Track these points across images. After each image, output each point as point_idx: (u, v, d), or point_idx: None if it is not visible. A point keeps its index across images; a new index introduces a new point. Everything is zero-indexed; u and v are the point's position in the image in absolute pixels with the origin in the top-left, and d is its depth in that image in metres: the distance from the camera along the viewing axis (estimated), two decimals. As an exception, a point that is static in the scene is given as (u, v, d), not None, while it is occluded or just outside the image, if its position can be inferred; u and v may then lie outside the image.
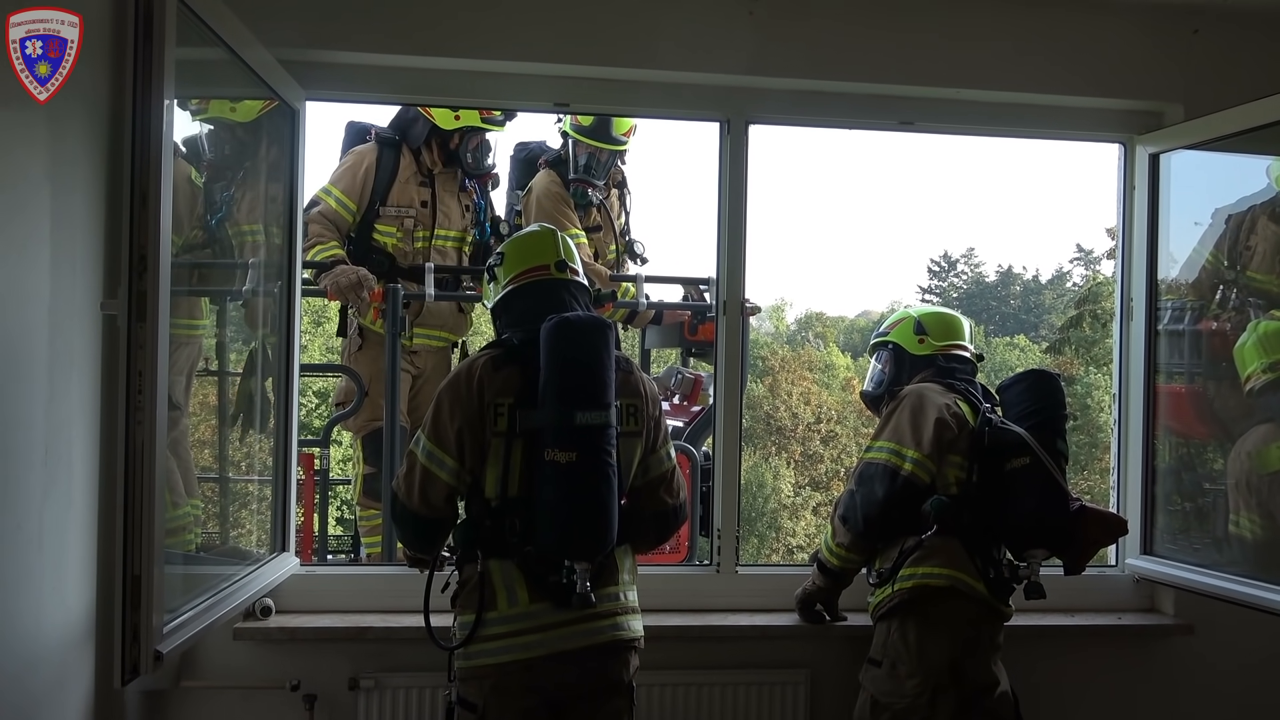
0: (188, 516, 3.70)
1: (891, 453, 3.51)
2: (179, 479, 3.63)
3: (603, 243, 5.36)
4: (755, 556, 25.33)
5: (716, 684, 3.84)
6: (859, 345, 42.64)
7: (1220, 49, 4.07)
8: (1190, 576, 3.88)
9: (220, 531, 4.16)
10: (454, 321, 5.11)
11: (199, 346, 3.88)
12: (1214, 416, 4.23)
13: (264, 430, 3.87)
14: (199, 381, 4.02)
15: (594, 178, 5.18)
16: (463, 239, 5.10)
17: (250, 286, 3.88)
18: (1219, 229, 4.12)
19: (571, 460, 2.74)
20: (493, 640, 2.83)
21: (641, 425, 3.02)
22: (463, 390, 2.88)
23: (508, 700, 2.83)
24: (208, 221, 3.70)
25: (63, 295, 2.75)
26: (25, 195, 2.60)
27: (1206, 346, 4.20)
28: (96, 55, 2.83)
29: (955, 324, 3.85)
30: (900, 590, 3.44)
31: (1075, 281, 49.21)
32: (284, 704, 3.67)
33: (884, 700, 3.44)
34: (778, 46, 3.93)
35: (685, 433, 5.23)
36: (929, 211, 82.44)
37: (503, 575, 2.85)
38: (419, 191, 4.95)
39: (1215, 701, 4.11)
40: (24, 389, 2.62)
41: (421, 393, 5.02)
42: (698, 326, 5.20)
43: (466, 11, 3.79)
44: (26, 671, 2.71)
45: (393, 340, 4.45)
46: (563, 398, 2.77)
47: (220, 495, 4.13)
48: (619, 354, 3.03)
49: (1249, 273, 4.00)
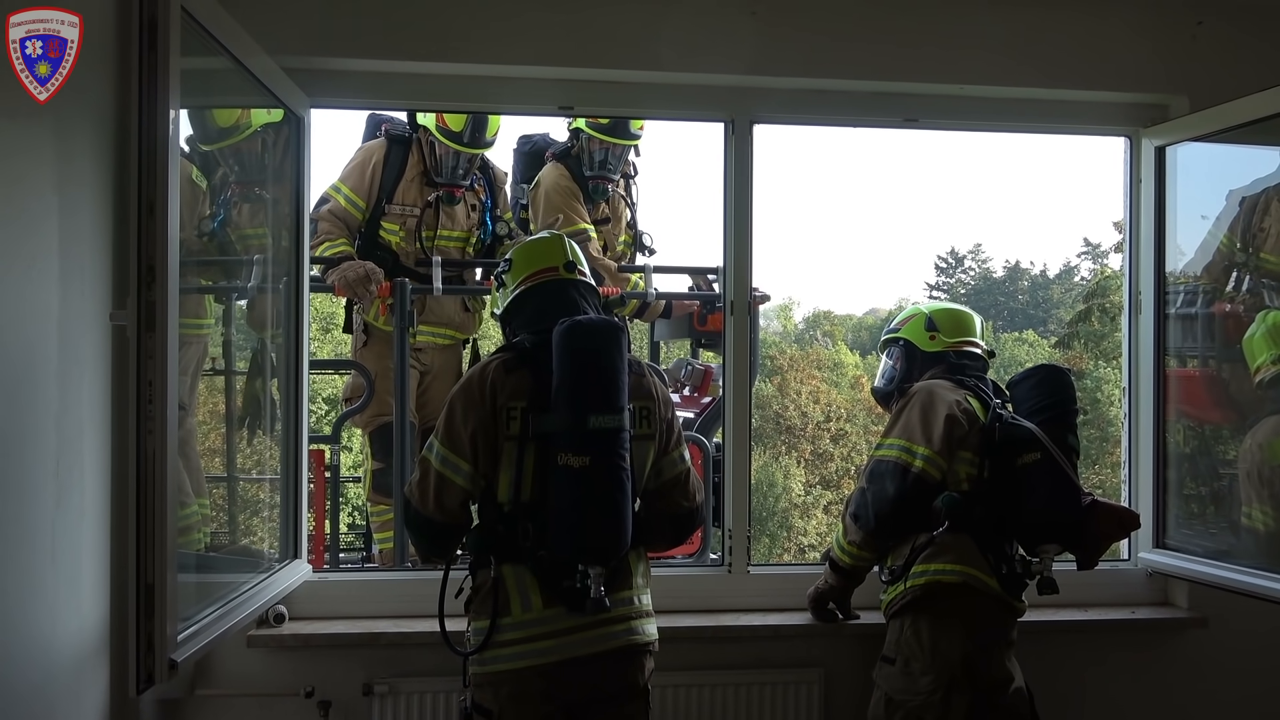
0: (195, 515, 3.70)
1: (902, 450, 3.50)
2: (186, 479, 3.64)
3: (611, 235, 5.40)
4: (766, 556, 25.30)
5: (730, 684, 3.84)
6: (867, 343, 42.59)
7: (1225, 40, 4.06)
8: (1203, 569, 3.87)
9: (230, 531, 4.16)
10: (460, 319, 5.12)
11: (204, 346, 3.87)
12: (1229, 401, 4.22)
13: (271, 433, 3.88)
14: (205, 386, 4.02)
15: (610, 173, 5.23)
16: (466, 239, 5.11)
17: (255, 283, 3.89)
18: (1233, 211, 4.11)
19: (585, 464, 2.72)
20: (508, 646, 2.83)
21: (654, 428, 3.01)
22: (475, 394, 2.87)
23: (526, 707, 2.82)
24: (210, 221, 3.71)
25: (72, 306, 2.76)
26: (34, 206, 2.61)
27: (1220, 330, 4.18)
28: (99, 57, 2.83)
29: (967, 320, 3.83)
30: (913, 587, 3.43)
31: (1083, 275, 49.10)
32: (299, 711, 3.68)
33: (898, 698, 3.43)
34: (781, 46, 3.93)
35: (696, 423, 5.24)
36: (935, 208, 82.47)
37: (516, 580, 2.84)
38: (424, 191, 4.96)
39: (1230, 695, 4.09)
40: (35, 400, 2.63)
41: (429, 390, 5.04)
42: (707, 317, 5.21)
43: (470, 17, 3.80)
44: (42, 682, 2.71)
45: (401, 335, 4.46)
46: (575, 401, 2.76)
47: (228, 496, 4.14)
48: (632, 357, 3.03)
49: (1262, 255, 3.98)
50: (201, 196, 3.72)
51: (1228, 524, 4.16)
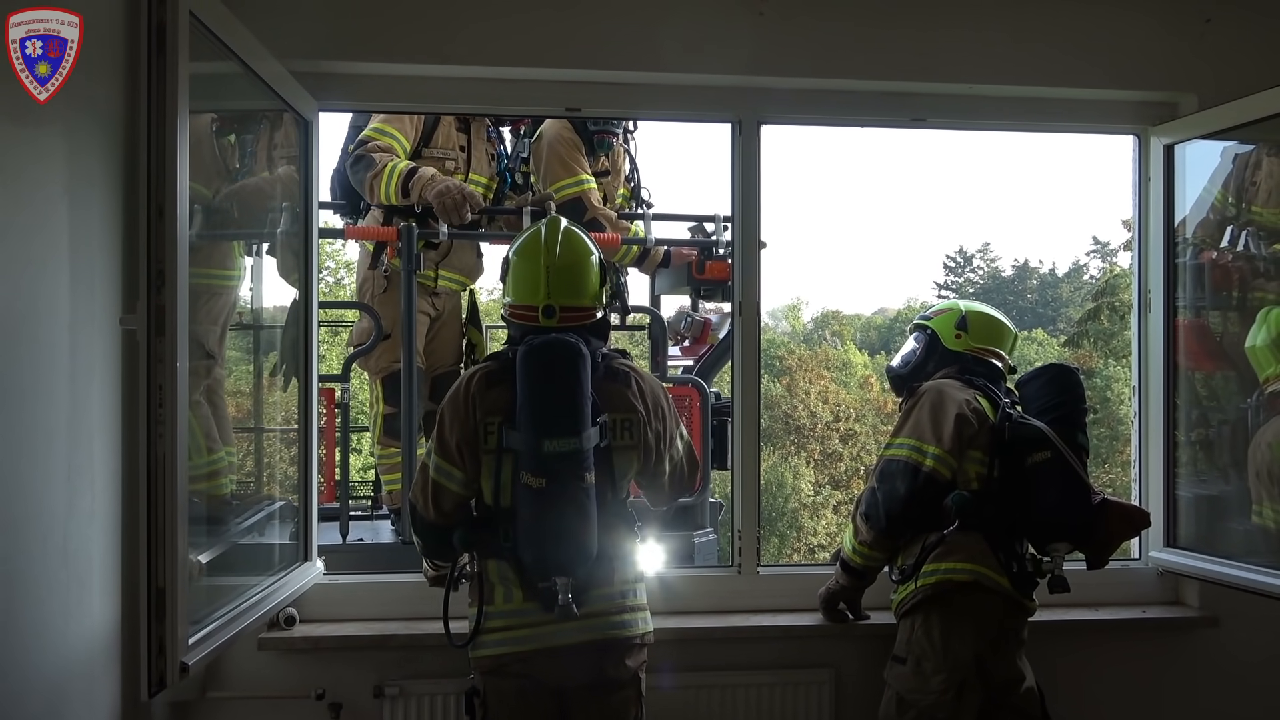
0: (221, 462, 3.74)
1: (912, 449, 3.49)
2: (213, 425, 3.70)
3: (611, 187, 5.45)
4: (776, 557, 25.31)
5: (740, 685, 3.84)
6: (876, 343, 42.59)
7: (1233, 38, 4.05)
8: (1214, 568, 3.86)
9: (254, 480, 4.23)
10: (472, 265, 5.18)
11: (232, 297, 3.85)
12: (1221, 352, 4.26)
13: (285, 388, 3.95)
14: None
15: (613, 127, 5.29)
16: (489, 186, 5.17)
17: (284, 228, 3.90)
18: (1226, 168, 4.14)
19: (542, 486, 2.80)
20: (491, 634, 2.96)
21: (637, 439, 3.05)
22: (460, 407, 2.97)
23: (505, 687, 2.95)
24: (235, 176, 3.72)
25: (82, 309, 2.76)
26: (43, 208, 2.62)
27: (1210, 280, 4.21)
28: (108, 60, 2.84)
29: (999, 330, 3.81)
30: (924, 586, 3.43)
31: (1092, 274, 49.06)
32: (309, 713, 3.69)
33: (910, 697, 3.42)
34: (788, 46, 3.93)
35: (696, 369, 5.31)
36: (944, 207, 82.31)
37: (499, 574, 2.97)
38: (458, 136, 5.00)
39: (1241, 694, 4.08)
40: (46, 404, 2.64)
41: (438, 336, 5.09)
42: (705, 264, 5.21)
43: (477, 20, 3.80)
44: (54, 685, 2.72)
45: (408, 280, 4.48)
46: (532, 425, 2.83)
47: (255, 448, 4.20)
48: (621, 366, 3.08)
49: (1254, 208, 4.04)
50: (229, 150, 3.73)
51: (1219, 474, 4.20)
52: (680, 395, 4.92)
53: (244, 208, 3.87)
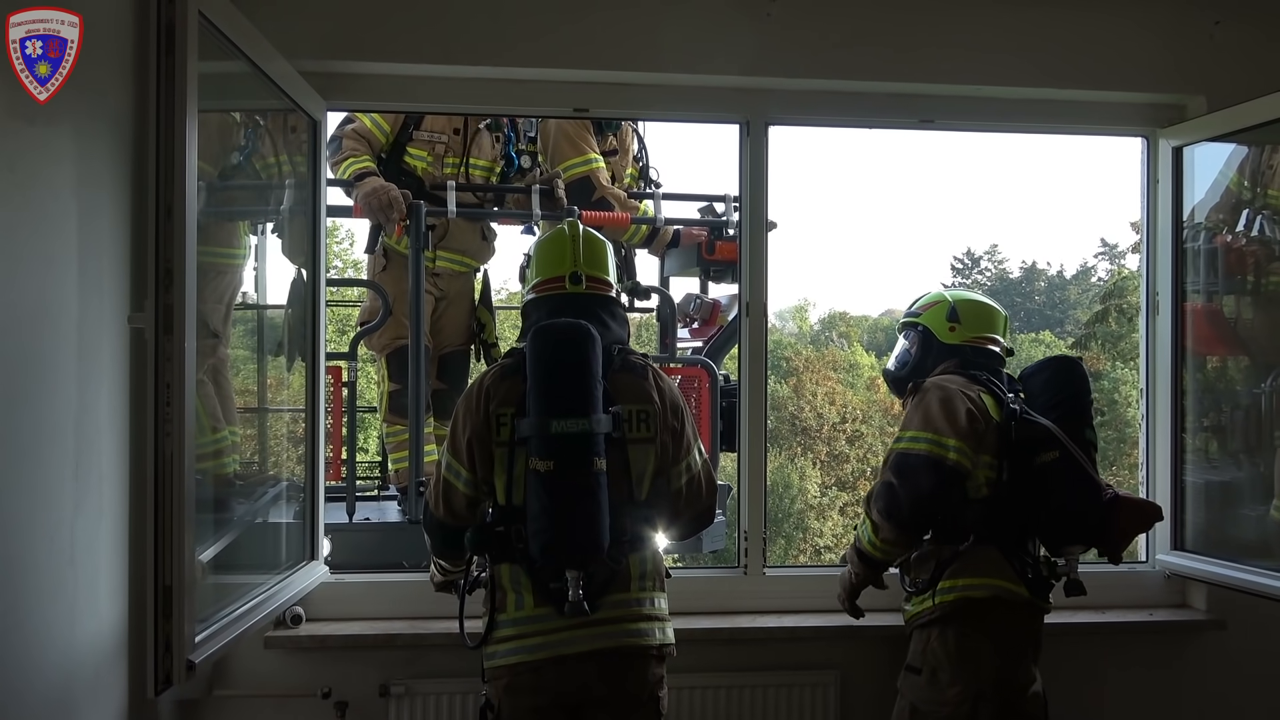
0: (225, 441, 3.74)
1: (932, 443, 3.36)
2: (217, 405, 3.70)
3: (619, 167, 5.44)
4: (782, 558, 25.32)
5: (746, 686, 3.84)
6: (883, 344, 42.43)
7: (1242, 40, 4.04)
8: (1221, 572, 3.85)
9: (259, 460, 4.21)
10: (476, 247, 5.18)
11: (237, 276, 3.84)
12: (1235, 337, 4.25)
13: (290, 367, 3.97)
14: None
15: None
16: (491, 169, 5.17)
17: (288, 206, 3.91)
18: (1242, 152, 4.11)
19: (549, 469, 2.74)
20: (503, 642, 2.89)
21: (654, 432, 2.97)
22: (473, 403, 2.94)
23: (519, 700, 2.86)
24: (239, 154, 3.73)
25: (90, 308, 2.77)
26: (51, 208, 2.62)
27: (1224, 264, 4.18)
28: (109, 57, 2.84)
29: (990, 315, 3.73)
30: (942, 604, 3.37)
31: (1100, 276, 48.83)
32: (316, 712, 3.69)
33: (924, 708, 3.38)
34: (796, 47, 3.93)
35: (705, 350, 5.30)
36: (951, 208, 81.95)
37: (511, 579, 2.90)
38: (452, 119, 4.99)
39: (1249, 698, 4.07)
40: (54, 403, 2.64)
41: (444, 316, 5.10)
42: (715, 245, 5.20)
43: (483, 20, 3.81)
44: (61, 683, 2.72)
45: (416, 257, 4.49)
46: (540, 406, 2.78)
47: (258, 426, 4.19)
48: (637, 358, 3.04)
49: (1270, 192, 4.01)
50: (234, 128, 3.73)
51: (1231, 460, 4.18)
52: (689, 376, 4.93)
53: (248, 187, 3.88)
